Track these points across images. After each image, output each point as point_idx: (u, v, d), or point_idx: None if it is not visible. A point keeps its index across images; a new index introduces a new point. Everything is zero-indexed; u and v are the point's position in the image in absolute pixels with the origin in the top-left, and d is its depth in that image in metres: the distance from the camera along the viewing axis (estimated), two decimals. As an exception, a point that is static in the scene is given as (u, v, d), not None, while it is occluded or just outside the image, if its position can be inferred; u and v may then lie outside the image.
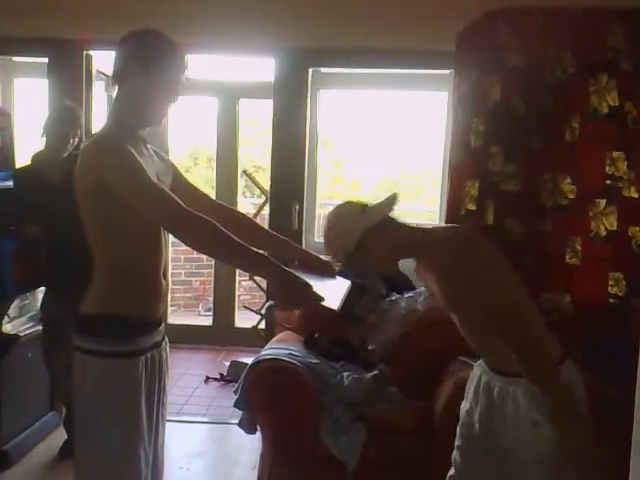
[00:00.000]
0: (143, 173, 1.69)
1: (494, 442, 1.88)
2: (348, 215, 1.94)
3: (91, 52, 3.99)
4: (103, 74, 4.23)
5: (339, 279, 2.02)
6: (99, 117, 4.14)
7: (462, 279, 1.78)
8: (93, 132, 3.85)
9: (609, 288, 3.16)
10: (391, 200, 1.93)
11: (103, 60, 4.16)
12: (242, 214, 2.14)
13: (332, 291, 1.88)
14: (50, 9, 3.71)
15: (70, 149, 3.38)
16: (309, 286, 1.66)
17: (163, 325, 1.97)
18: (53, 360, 3.37)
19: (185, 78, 1.84)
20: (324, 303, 1.71)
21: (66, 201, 3.28)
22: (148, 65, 1.77)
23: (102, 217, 1.82)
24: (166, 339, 2.01)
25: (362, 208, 1.93)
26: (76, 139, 3.41)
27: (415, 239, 1.91)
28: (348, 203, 1.98)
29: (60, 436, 3.52)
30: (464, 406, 2.02)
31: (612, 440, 1.96)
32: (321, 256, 2.13)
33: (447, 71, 3.81)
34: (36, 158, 3.45)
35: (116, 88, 1.86)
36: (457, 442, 2.02)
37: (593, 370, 2.69)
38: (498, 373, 1.89)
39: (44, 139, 3.44)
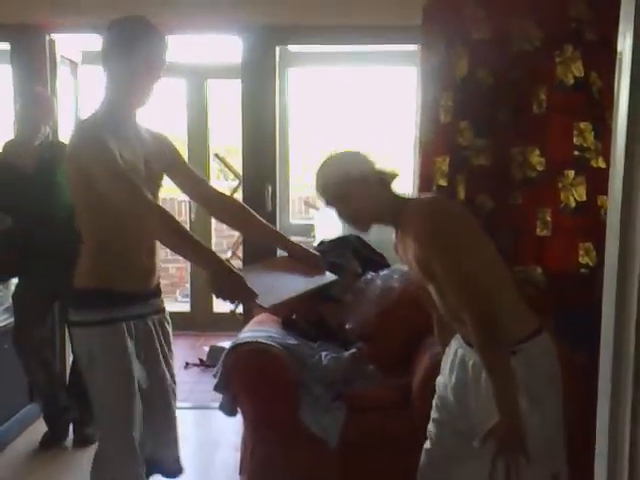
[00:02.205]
0: (116, 165, 1.82)
1: (467, 415, 1.89)
2: (350, 157, 1.96)
3: (55, 37, 3.91)
4: (68, 59, 4.16)
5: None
6: (65, 103, 4.08)
7: (439, 249, 1.78)
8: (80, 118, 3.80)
9: (580, 258, 3.21)
10: (393, 170, 1.96)
11: (67, 45, 4.09)
12: (240, 204, 2.27)
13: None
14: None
15: (42, 137, 3.33)
16: (242, 283, 1.79)
17: (154, 301, 2.13)
18: (23, 349, 3.35)
19: (166, 59, 1.97)
20: (257, 300, 1.83)
21: (40, 190, 3.27)
22: (129, 50, 1.90)
23: (87, 199, 1.97)
24: (166, 317, 2.19)
25: (365, 159, 1.94)
26: (47, 127, 3.36)
27: (397, 206, 1.92)
28: (356, 151, 1.99)
29: (41, 427, 3.51)
30: (440, 380, 2.04)
31: (581, 406, 2.00)
32: (312, 250, 2.18)
33: (415, 46, 3.81)
34: (7, 147, 3.39)
35: (105, 75, 1.98)
36: (433, 415, 2.04)
37: (565, 338, 2.74)
38: (467, 343, 1.90)
39: (15, 127, 3.38)
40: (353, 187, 1.89)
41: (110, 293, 2.00)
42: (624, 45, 1.37)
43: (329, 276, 2.12)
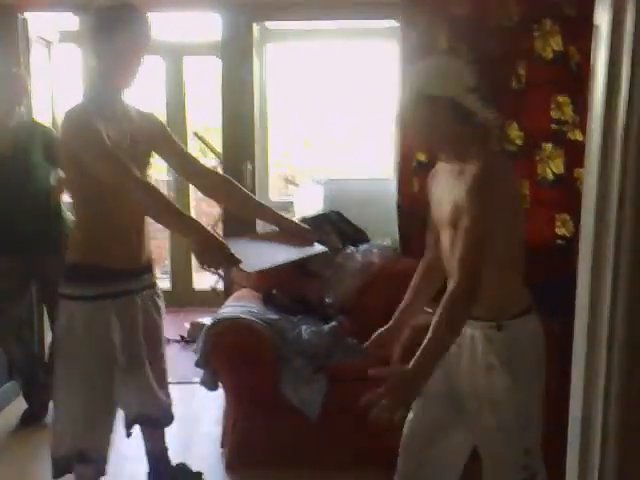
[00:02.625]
0: (104, 145, 1.90)
1: (450, 385, 1.90)
2: (455, 71, 1.81)
3: (28, 16, 3.83)
4: (43, 39, 4.08)
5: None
6: (40, 82, 4.01)
7: (477, 205, 1.71)
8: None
9: (556, 229, 3.25)
10: (494, 119, 1.84)
11: (42, 24, 4.00)
12: (231, 181, 2.29)
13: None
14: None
15: (17, 118, 3.29)
16: (226, 249, 1.84)
17: (145, 277, 2.19)
18: (1, 328, 3.33)
19: (150, 39, 2.04)
20: (241, 266, 1.88)
21: (17, 171, 3.23)
22: (113, 32, 1.97)
23: (80, 181, 2.04)
24: (157, 292, 2.27)
25: (468, 83, 1.79)
26: (22, 107, 3.32)
27: (468, 150, 1.79)
28: (466, 67, 1.84)
29: (20, 405, 3.50)
30: None
31: (555, 373, 2.03)
32: (301, 224, 2.21)
33: (395, 22, 3.79)
34: None
35: (91, 57, 2.06)
36: None
37: (541, 308, 2.78)
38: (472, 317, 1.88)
39: None
40: (436, 102, 1.75)
41: (98, 269, 2.06)
42: (601, 19, 1.38)
43: (318, 247, 2.14)
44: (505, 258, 1.82)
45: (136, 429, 2.32)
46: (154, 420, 2.31)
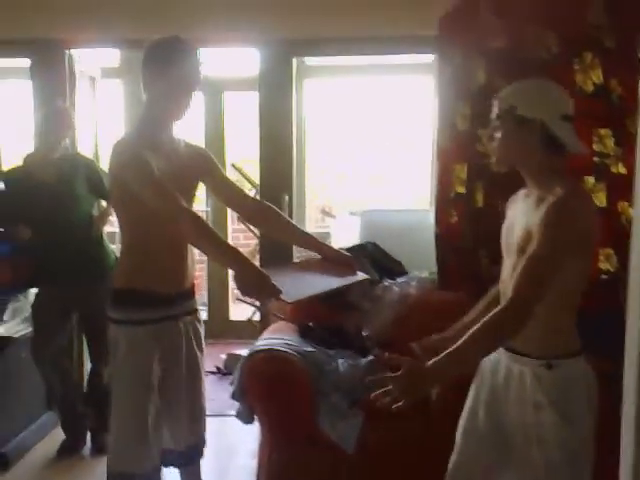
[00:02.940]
0: (152, 175, 1.96)
1: (497, 422, 1.87)
2: (556, 97, 1.81)
3: (73, 52, 3.96)
4: (87, 74, 4.21)
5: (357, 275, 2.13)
6: (84, 116, 4.12)
7: (549, 235, 1.68)
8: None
9: (600, 264, 3.18)
10: (580, 146, 1.82)
11: (86, 59, 4.14)
12: (274, 208, 2.35)
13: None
14: (31, 8, 3.69)
15: (62, 150, 3.39)
16: (267, 279, 1.88)
17: (187, 302, 2.24)
18: (42, 359, 3.38)
19: (201, 75, 2.09)
20: (281, 296, 1.89)
21: (60, 202, 3.32)
22: (165, 69, 2.03)
23: (128, 209, 2.12)
24: (198, 317, 2.31)
25: (566, 111, 1.79)
26: (67, 141, 3.42)
27: (551, 176, 1.77)
28: (567, 96, 1.84)
29: (58, 436, 3.52)
30: (472, 386, 2.00)
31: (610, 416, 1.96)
32: (343, 252, 2.22)
33: (431, 57, 3.82)
34: (28, 159, 3.44)
35: (143, 92, 2.13)
36: (460, 422, 2.00)
37: (588, 346, 2.71)
38: (509, 350, 1.85)
39: (36, 140, 3.43)
40: (522, 121, 1.75)
41: (141, 294, 2.12)
42: None
43: (361, 275, 2.13)
44: (565, 295, 1.79)
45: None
46: (178, 454, 2.30)
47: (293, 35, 3.83)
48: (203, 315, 5.54)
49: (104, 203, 3.60)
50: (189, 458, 2.34)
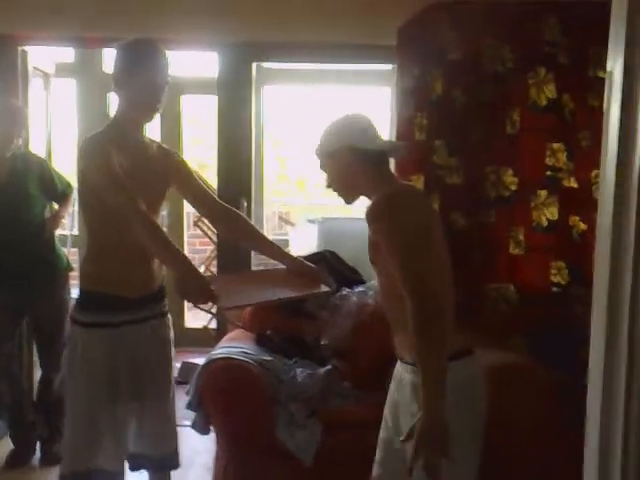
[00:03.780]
0: (113, 174, 1.97)
1: (396, 435, 1.84)
2: (352, 123, 1.92)
3: (26, 48, 3.86)
4: (40, 70, 4.11)
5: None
6: (37, 114, 4.02)
7: (395, 245, 1.72)
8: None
9: (552, 277, 3.26)
10: (396, 144, 1.94)
11: (40, 56, 4.04)
12: (244, 218, 2.40)
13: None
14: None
15: (14, 149, 3.28)
16: (206, 284, 1.91)
17: (153, 306, 2.22)
18: None
19: (168, 77, 2.11)
20: (217, 302, 1.92)
21: (11, 201, 3.22)
22: (132, 70, 2.06)
23: (91, 208, 2.12)
24: (165, 321, 2.27)
25: (368, 129, 1.91)
26: (20, 139, 3.32)
27: (374, 187, 1.85)
28: (365, 119, 1.95)
29: (6, 446, 3.42)
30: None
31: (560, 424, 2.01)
32: (309, 264, 2.21)
33: (390, 66, 3.85)
34: None
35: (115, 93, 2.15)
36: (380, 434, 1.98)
37: (537, 356, 2.78)
38: (400, 358, 1.87)
39: None
40: (336, 155, 1.88)
41: (104, 297, 2.12)
42: (614, 65, 1.39)
43: (323, 288, 2.15)
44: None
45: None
46: (155, 462, 2.29)
47: (254, 39, 3.81)
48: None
49: (56, 205, 3.52)
50: (164, 466, 2.33)
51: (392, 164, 3.71)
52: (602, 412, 1.41)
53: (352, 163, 1.87)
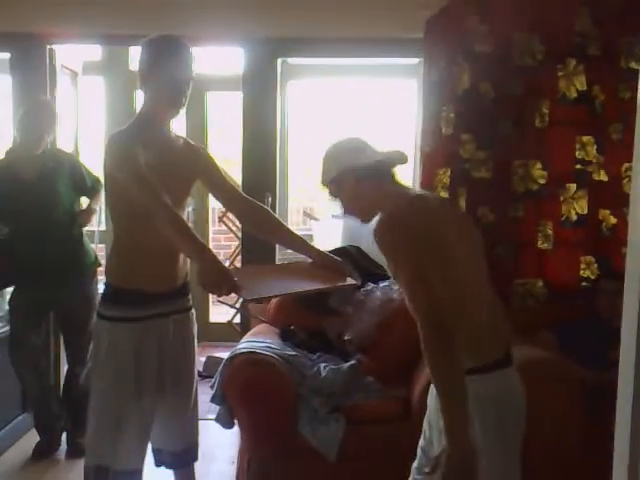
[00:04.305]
0: (138, 169, 1.97)
1: (430, 444, 1.80)
2: (345, 146, 1.92)
3: (54, 47, 3.90)
4: (68, 69, 4.15)
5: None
6: (65, 112, 4.06)
7: (398, 261, 1.68)
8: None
9: (581, 271, 3.20)
10: (394, 154, 1.89)
11: (67, 54, 4.08)
12: (270, 213, 2.38)
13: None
14: (12, 3, 3.62)
15: (45, 146, 3.32)
16: (228, 275, 1.89)
17: (178, 301, 2.22)
18: (18, 358, 3.32)
19: (193, 72, 2.11)
20: (240, 293, 1.90)
21: (41, 199, 3.26)
22: (157, 66, 2.06)
23: (118, 204, 2.13)
24: (189, 316, 2.27)
25: (361, 147, 1.90)
26: (52, 136, 3.36)
27: (384, 204, 1.81)
28: (356, 138, 1.95)
29: (33, 438, 3.46)
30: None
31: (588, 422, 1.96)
32: (334, 256, 2.19)
33: (416, 59, 3.81)
34: (10, 155, 3.37)
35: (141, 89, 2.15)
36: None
37: (566, 352, 2.72)
38: None
39: (17, 135, 3.36)
40: (340, 180, 1.88)
41: (129, 292, 2.13)
42: None
43: (349, 281, 2.12)
44: (454, 303, 1.68)
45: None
46: (176, 456, 2.30)
47: (279, 35, 3.80)
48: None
49: (85, 201, 3.55)
50: (184, 460, 2.34)
51: (418, 159, 3.70)
52: (633, 414, 1.35)
53: (357, 184, 1.85)
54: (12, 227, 3.27)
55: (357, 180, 1.85)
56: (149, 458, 2.28)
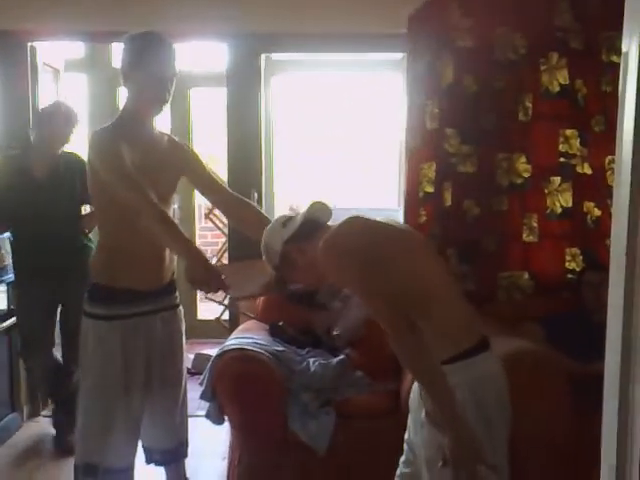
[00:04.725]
0: (122, 167, 1.97)
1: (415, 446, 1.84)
2: (271, 230, 1.89)
3: (35, 44, 3.87)
4: (50, 66, 4.12)
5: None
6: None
7: (344, 280, 1.75)
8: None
9: (566, 264, 3.23)
10: (312, 208, 1.84)
11: (49, 52, 4.05)
12: (257, 210, 2.38)
13: None
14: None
15: (60, 147, 3.35)
16: (216, 273, 1.93)
17: (165, 298, 2.23)
18: (30, 360, 3.37)
19: (176, 69, 2.11)
20: (228, 291, 1.94)
21: (49, 198, 3.28)
22: (139, 63, 2.05)
23: (102, 202, 2.14)
24: (177, 313, 2.28)
25: (285, 221, 1.87)
26: (69, 138, 3.39)
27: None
28: (278, 218, 1.93)
29: (23, 437, 3.46)
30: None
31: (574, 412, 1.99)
32: None
33: (401, 54, 3.82)
34: (26, 151, 3.38)
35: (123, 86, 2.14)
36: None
37: (553, 344, 2.76)
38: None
39: (36, 135, 3.37)
40: (286, 258, 1.83)
41: (115, 290, 2.12)
42: (630, 45, 1.35)
43: None
44: (416, 298, 1.74)
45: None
46: (166, 453, 2.32)
47: (263, 30, 3.79)
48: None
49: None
50: (174, 457, 2.35)
51: (403, 153, 3.72)
52: (620, 405, 1.37)
53: (299, 251, 1.81)
54: (21, 225, 3.31)
55: (298, 248, 1.81)
56: (140, 455, 2.29)
